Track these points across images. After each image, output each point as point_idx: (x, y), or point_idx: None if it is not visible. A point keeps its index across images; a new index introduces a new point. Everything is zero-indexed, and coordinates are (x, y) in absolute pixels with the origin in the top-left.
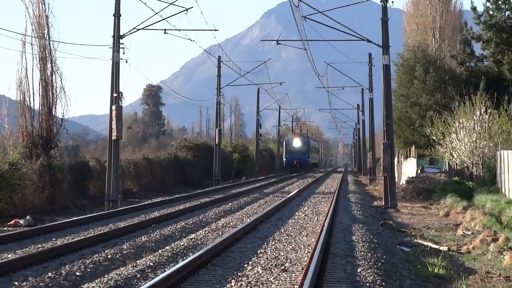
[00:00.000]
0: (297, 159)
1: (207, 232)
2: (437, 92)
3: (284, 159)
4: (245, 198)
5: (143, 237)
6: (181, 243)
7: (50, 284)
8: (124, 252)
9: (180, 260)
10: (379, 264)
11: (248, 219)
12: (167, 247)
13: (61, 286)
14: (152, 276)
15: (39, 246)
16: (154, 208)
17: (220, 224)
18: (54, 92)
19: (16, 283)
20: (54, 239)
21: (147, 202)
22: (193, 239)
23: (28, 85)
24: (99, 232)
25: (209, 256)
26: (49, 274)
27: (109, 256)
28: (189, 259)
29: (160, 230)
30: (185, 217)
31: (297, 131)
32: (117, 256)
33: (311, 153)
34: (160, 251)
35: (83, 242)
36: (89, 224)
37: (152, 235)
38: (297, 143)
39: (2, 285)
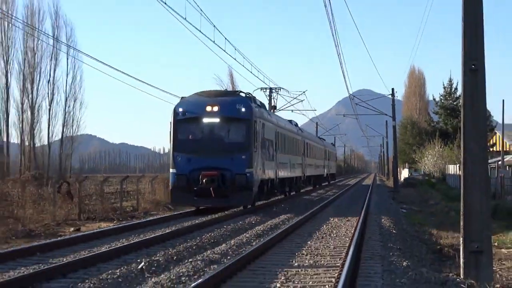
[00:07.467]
0: (208, 170)
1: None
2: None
3: (172, 171)
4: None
5: None
6: None
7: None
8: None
9: None
10: (386, 211)
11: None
12: None
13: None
14: None
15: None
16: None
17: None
18: None
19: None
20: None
21: None
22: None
23: None
24: None
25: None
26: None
27: None
28: None
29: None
30: None
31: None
32: None
33: (269, 149)
34: None
35: None
36: None
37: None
38: (211, 113)
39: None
